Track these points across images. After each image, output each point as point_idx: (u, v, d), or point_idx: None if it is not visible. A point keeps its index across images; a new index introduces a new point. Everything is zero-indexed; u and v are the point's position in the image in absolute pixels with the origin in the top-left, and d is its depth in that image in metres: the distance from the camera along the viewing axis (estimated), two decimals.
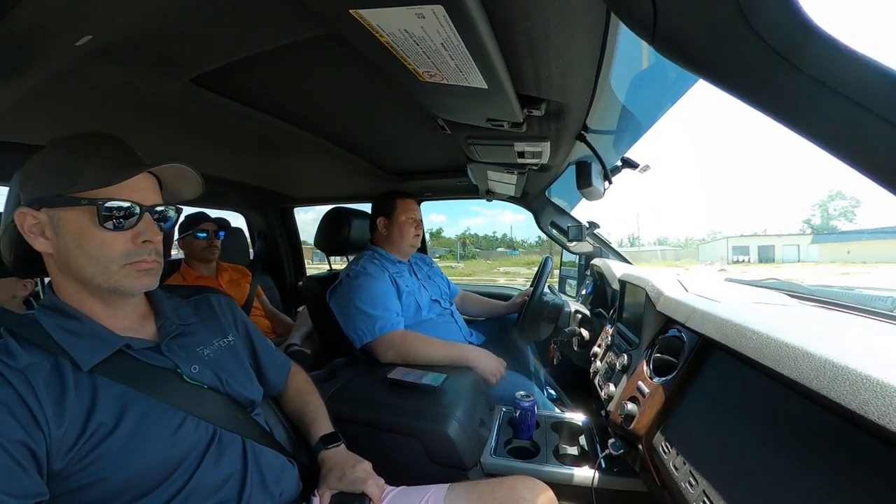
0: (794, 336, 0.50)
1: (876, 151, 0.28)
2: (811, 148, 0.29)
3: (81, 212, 0.58)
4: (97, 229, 0.58)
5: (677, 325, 0.81)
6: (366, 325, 1.37)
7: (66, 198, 0.57)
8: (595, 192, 1.33)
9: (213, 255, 2.00)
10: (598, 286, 1.75)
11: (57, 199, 0.58)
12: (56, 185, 0.58)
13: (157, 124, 1.17)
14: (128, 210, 0.60)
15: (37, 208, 0.58)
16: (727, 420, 0.60)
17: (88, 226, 0.58)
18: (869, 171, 0.28)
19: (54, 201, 0.58)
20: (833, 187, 59.89)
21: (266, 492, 0.69)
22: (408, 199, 1.64)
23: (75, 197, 0.57)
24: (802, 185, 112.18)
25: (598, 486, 0.96)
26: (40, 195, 0.58)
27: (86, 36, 0.68)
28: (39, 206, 0.58)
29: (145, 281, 0.63)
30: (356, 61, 0.86)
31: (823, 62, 0.28)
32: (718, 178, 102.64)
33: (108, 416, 0.56)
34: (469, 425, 1.06)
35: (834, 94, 0.28)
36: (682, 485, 0.61)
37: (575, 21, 0.60)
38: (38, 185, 0.59)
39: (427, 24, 0.56)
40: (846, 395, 0.40)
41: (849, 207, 45.36)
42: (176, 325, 0.71)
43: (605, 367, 1.12)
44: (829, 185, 63.44)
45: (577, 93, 0.84)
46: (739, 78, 0.30)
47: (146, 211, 0.62)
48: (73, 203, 0.57)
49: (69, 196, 0.57)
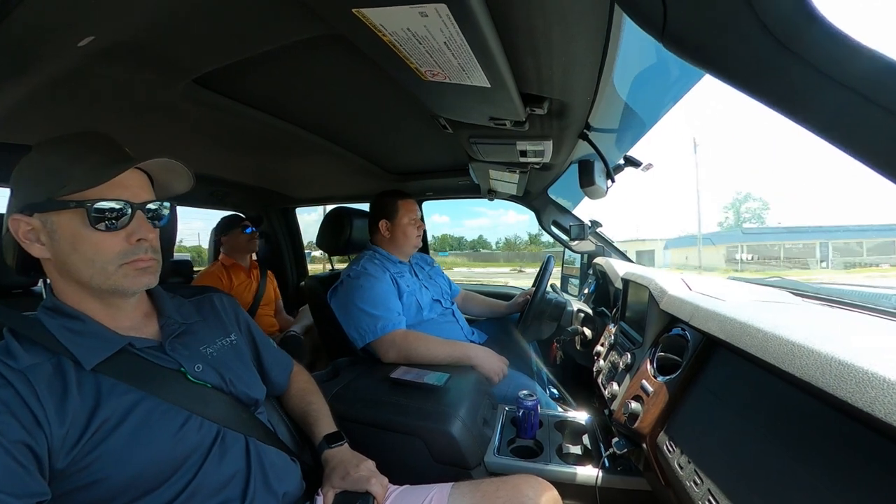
0: (799, 334, 0.50)
1: (876, 140, 0.28)
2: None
3: (72, 215, 0.57)
4: (90, 231, 0.58)
5: (681, 323, 0.81)
6: (367, 325, 1.37)
7: (55, 202, 0.57)
8: (598, 191, 1.33)
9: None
10: (601, 285, 1.75)
11: (47, 204, 0.57)
12: (44, 190, 0.57)
13: (160, 125, 1.17)
14: (119, 210, 0.59)
15: (29, 214, 0.57)
16: (732, 418, 0.60)
17: (81, 228, 0.57)
18: (869, 159, 0.28)
19: (44, 206, 0.57)
20: (742, 189, 58.04)
21: (269, 491, 0.69)
22: (408, 199, 1.63)
23: (64, 200, 0.57)
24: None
25: (601, 484, 0.96)
26: (30, 201, 0.58)
27: (88, 37, 0.68)
28: (31, 211, 0.57)
29: (144, 279, 0.63)
30: (358, 61, 0.86)
31: (827, 53, 0.27)
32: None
33: (110, 414, 0.56)
34: (472, 424, 1.06)
35: (836, 84, 0.28)
36: (687, 483, 0.61)
37: (578, 19, 0.59)
38: (27, 190, 0.59)
39: (430, 23, 0.56)
40: (853, 392, 0.40)
41: (759, 209, 44.63)
42: (179, 323, 0.71)
43: (608, 366, 1.12)
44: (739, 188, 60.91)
45: (579, 91, 0.84)
46: (745, 71, 0.30)
47: (138, 209, 0.61)
48: (63, 206, 0.57)
49: (58, 200, 0.57)
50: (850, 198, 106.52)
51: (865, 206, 63.31)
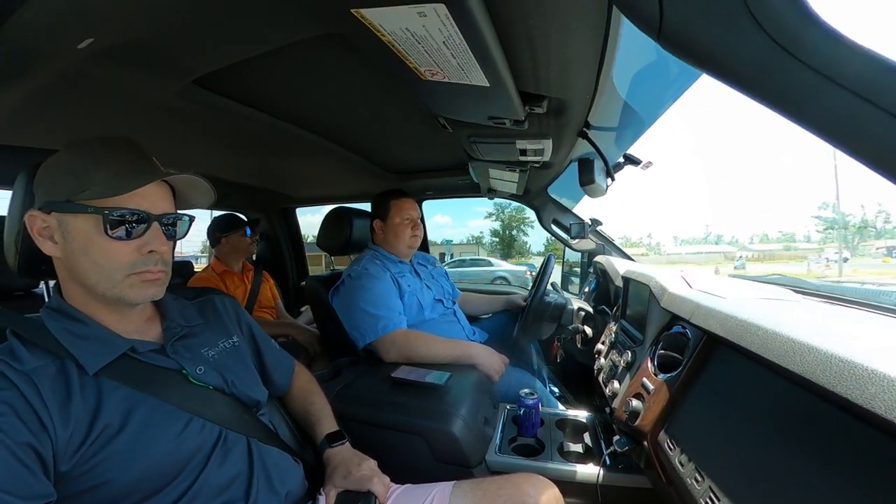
0: (800, 331, 0.50)
1: (875, 141, 0.28)
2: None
3: (89, 219, 0.57)
4: (103, 238, 0.58)
5: (682, 321, 0.81)
6: (369, 325, 1.37)
7: (74, 204, 0.57)
8: (597, 189, 1.33)
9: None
10: (601, 283, 1.75)
11: (65, 205, 0.57)
12: (66, 190, 0.58)
13: (160, 125, 1.17)
14: (136, 219, 0.59)
15: (47, 212, 0.58)
16: (733, 416, 0.60)
17: (95, 234, 0.58)
18: (868, 160, 0.28)
19: (63, 206, 0.58)
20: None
21: (272, 491, 0.69)
22: (403, 198, 1.61)
23: (83, 204, 0.57)
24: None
25: (603, 482, 0.96)
26: (50, 199, 0.58)
27: (87, 39, 0.68)
28: (49, 209, 0.58)
29: (150, 291, 0.63)
30: (357, 61, 0.86)
31: (825, 54, 0.28)
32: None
33: (113, 418, 0.57)
34: (473, 423, 1.06)
35: (835, 85, 0.28)
36: (688, 481, 0.61)
37: (576, 18, 0.59)
38: (49, 188, 0.59)
39: (429, 23, 0.56)
40: (853, 389, 0.40)
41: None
42: (181, 326, 0.71)
43: (609, 364, 1.12)
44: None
45: (578, 89, 0.84)
46: (743, 71, 0.30)
47: (155, 220, 0.61)
48: (81, 210, 0.57)
49: (77, 203, 0.57)
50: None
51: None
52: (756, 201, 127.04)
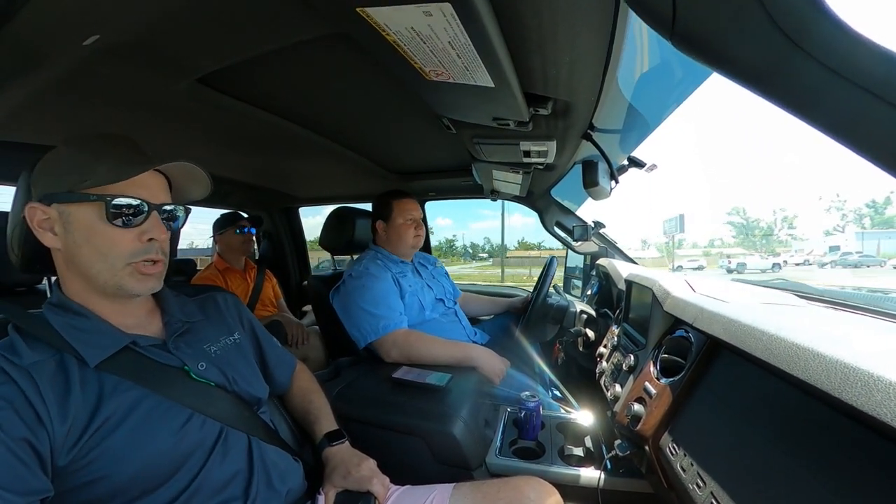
0: (804, 337, 0.50)
1: (888, 141, 0.28)
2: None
3: (90, 208, 0.58)
4: (105, 225, 0.59)
5: (685, 325, 0.81)
6: (369, 325, 1.37)
7: (76, 194, 0.58)
8: (601, 192, 1.32)
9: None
10: (604, 286, 1.74)
11: (67, 195, 0.58)
12: (67, 182, 0.59)
13: (163, 124, 1.17)
14: (136, 207, 0.60)
15: (47, 204, 0.59)
16: (736, 421, 0.60)
17: (97, 222, 0.59)
18: (881, 160, 0.28)
19: (65, 197, 0.58)
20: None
21: (272, 490, 0.69)
22: (405, 199, 1.61)
23: (85, 193, 0.58)
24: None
25: (603, 487, 0.95)
26: (51, 191, 0.59)
27: (93, 35, 0.68)
28: (50, 201, 0.59)
29: (149, 284, 0.64)
30: (362, 60, 0.86)
31: (840, 51, 0.27)
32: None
33: (113, 412, 0.57)
34: (474, 425, 1.06)
35: (849, 83, 0.27)
36: (690, 486, 0.61)
37: (583, 18, 0.59)
38: (49, 181, 0.60)
39: (434, 22, 0.56)
40: (859, 396, 0.39)
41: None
42: (182, 322, 0.71)
43: (611, 367, 1.11)
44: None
45: (583, 91, 0.84)
46: (755, 69, 0.30)
47: (154, 209, 0.62)
48: (83, 199, 0.58)
49: (79, 192, 0.58)
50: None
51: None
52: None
